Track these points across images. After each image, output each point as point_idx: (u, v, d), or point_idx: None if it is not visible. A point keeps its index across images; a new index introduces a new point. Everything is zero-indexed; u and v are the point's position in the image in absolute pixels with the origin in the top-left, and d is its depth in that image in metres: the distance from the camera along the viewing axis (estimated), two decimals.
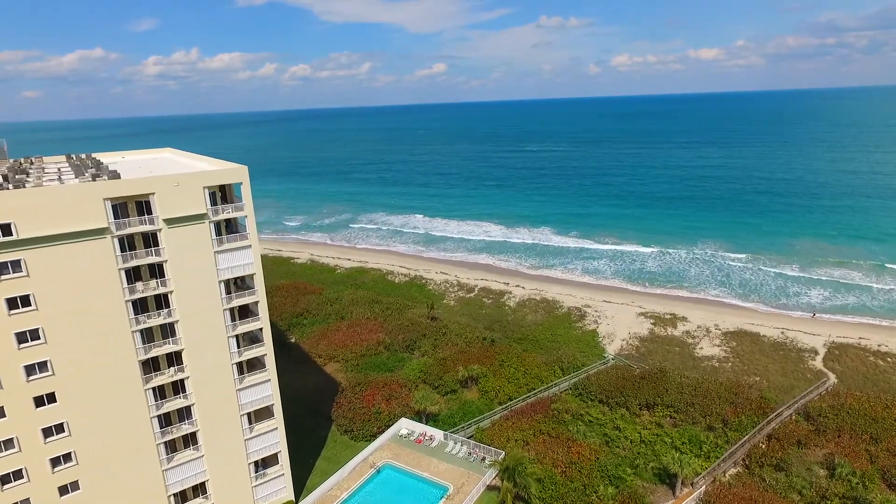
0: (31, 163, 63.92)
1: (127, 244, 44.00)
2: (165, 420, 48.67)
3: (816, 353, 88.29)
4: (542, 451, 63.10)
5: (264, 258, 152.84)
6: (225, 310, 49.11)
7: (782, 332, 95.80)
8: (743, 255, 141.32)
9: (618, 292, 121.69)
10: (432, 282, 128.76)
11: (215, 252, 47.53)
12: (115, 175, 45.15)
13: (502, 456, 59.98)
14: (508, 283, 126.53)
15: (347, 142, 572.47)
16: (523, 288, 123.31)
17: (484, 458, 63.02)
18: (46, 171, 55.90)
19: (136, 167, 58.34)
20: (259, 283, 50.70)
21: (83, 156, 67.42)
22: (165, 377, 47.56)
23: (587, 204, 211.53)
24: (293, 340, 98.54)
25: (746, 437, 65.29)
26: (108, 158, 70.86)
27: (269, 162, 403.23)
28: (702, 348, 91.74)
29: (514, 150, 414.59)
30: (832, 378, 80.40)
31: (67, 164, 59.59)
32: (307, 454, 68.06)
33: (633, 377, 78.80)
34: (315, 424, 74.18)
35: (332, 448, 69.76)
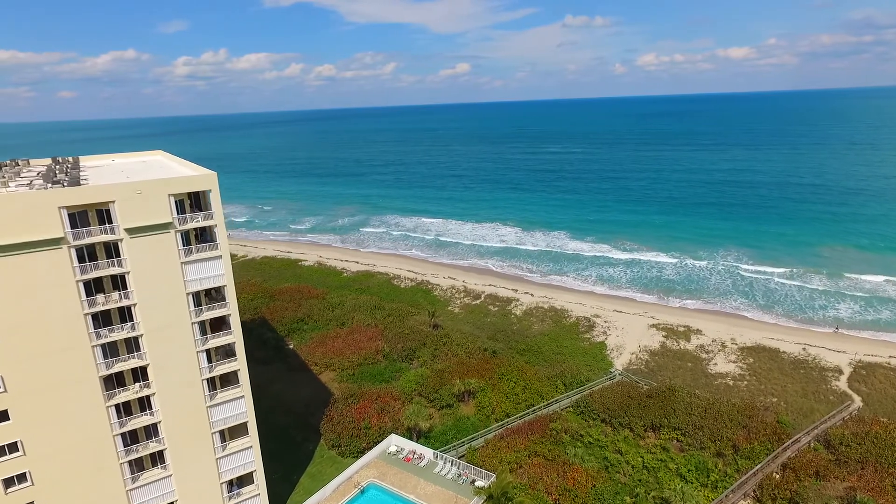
0: (17, 164, 62.79)
1: (87, 255, 41.80)
2: (131, 438, 46.48)
3: (840, 372, 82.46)
4: (535, 476, 59.35)
5: (272, 260, 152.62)
6: (194, 323, 46.65)
7: (804, 349, 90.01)
8: (766, 265, 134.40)
9: (631, 301, 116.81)
10: (438, 287, 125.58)
11: (182, 263, 45.13)
12: (74, 182, 43.00)
13: (490, 481, 56.43)
14: (517, 290, 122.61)
15: (367, 142, 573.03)
16: (532, 295, 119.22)
17: (474, 481, 59.56)
18: (22, 175, 54.34)
19: (119, 171, 56.49)
20: (231, 296, 48.15)
21: (70, 159, 66.03)
22: (130, 393, 45.34)
23: (605, 208, 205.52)
24: (291, 346, 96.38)
25: (759, 465, 60.47)
26: (96, 161, 69.32)
27: (287, 162, 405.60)
28: (716, 364, 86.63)
29: (534, 151, 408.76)
30: (857, 401, 74.74)
31: (45, 169, 57.93)
32: (291, 469, 65.54)
33: (639, 395, 74.38)
34: (303, 438, 71.64)
35: (319, 464, 67.07)
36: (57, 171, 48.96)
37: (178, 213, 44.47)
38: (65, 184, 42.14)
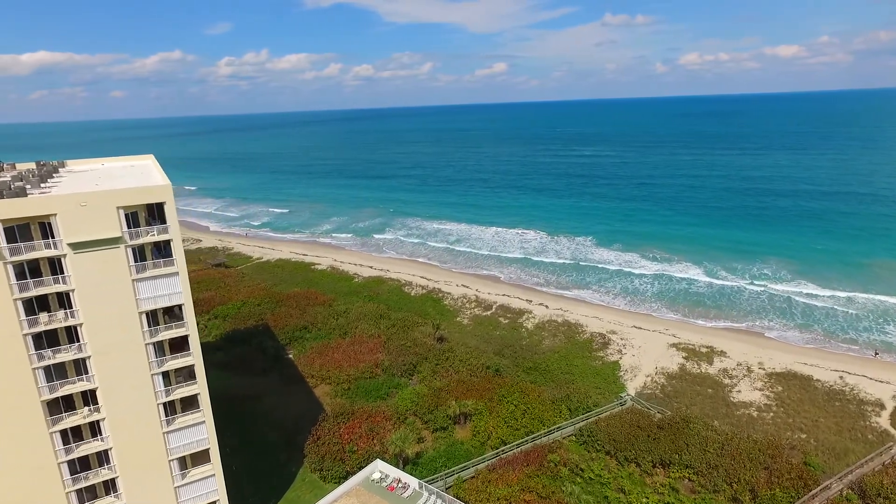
0: (2, 169, 61.48)
1: (29, 271, 39.12)
2: (82, 465, 43.75)
3: (882, 406, 74.02)
4: None
5: (286, 263, 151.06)
6: (148, 344, 43.56)
7: (841, 377, 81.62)
8: (808, 281, 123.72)
9: (651, 317, 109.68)
10: (449, 296, 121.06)
11: (134, 280, 42.07)
12: (19, 192, 40.36)
13: None
14: (531, 301, 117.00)
15: (398, 143, 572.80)
16: (546, 307, 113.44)
17: None
18: None
19: (98, 178, 54.10)
20: (190, 315, 44.88)
21: (54, 162, 64.42)
22: (78, 418, 42.57)
23: (636, 214, 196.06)
24: (290, 356, 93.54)
25: None
26: (86, 165, 67.59)
27: (316, 162, 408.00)
28: (739, 392, 79.25)
29: (566, 153, 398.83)
30: None
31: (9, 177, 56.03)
32: (269, 494, 62.16)
33: (650, 425, 68.08)
34: (287, 458, 68.25)
35: (299, 489, 63.52)
36: (11, 182, 46.76)
37: (129, 227, 41.32)
38: (4, 194, 39.57)
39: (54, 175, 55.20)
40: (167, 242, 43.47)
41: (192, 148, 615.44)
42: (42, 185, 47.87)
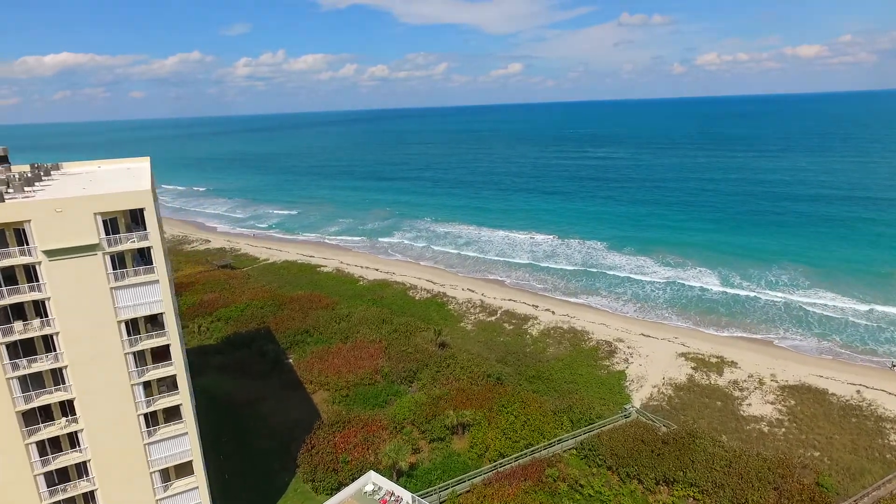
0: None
1: (4, 279, 38.11)
2: (60, 476, 42.71)
3: None
4: None
5: (292, 265, 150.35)
6: (127, 353, 42.37)
7: (858, 391, 78.13)
8: (827, 289, 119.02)
9: (660, 324, 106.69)
10: (454, 301, 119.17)
11: (112, 288, 40.90)
12: None
13: None
14: (538, 307, 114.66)
15: (411, 144, 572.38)
16: (553, 313, 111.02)
17: None
18: None
19: (86, 182, 53.34)
20: (171, 324, 43.62)
21: (48, 165, 63.93)
22: (55, 429, 41.53)
23: (649, 218, 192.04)
24: (290, 361, 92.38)
25: None
26: (82, 168, 67.21)
27: (329, 163, 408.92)
28: (750, 405, 76.20)
29: (579, 155, 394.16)
30: None
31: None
32: None
33: (654, 439, 65.57)
34: (280, 467, 66.91)
35: (291, 499, 62.10)
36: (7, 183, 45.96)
37: (107, 234, 40.18)
38: None
39: (43, 178, 54.47)
40: (148, 249, 42.17)
41: (208, 148, 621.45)
42: (27, 189, 46.99)
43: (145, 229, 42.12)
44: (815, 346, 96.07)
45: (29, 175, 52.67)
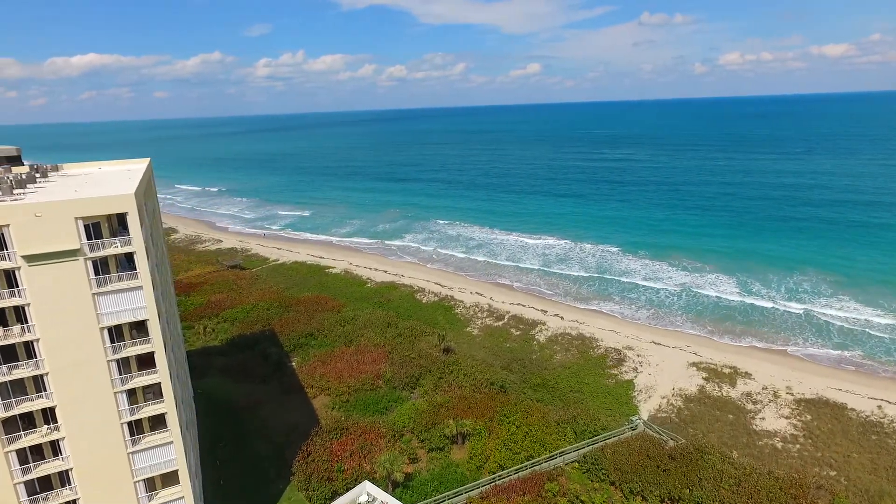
0: None
1: None
2: (42, 485, 42.00)
3: None
4: None
5: (301, 266, 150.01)
6: (111, 361, 41.49)
7: (880, 406, 74.55)
8: (850, 298, 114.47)
9: (672, 332, 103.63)
10: (461, 304, 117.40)
11: (94, 294, 40.02)
12: None
13: None
14: (546, 312, 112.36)
15: (426, 144, 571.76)
16: (562, 318, 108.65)
17: None
18: None
19: (80, 184, 52.75)
20: (155, 331, 42.65)
21: (47, 166, 63.79)
22: (37, 437, 40.81)
23: (666, 221, 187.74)
24: (293, 364, 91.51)
25: None
26: (81, 169, 67.01)
27: (344, 163, 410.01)
28: (763, 419, 73.11)
29: (596, 156, 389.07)
30: None
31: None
32: None
33: (660, 454, 63.06)
34: (276, 473, 65.84)
35: None
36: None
37: (89, 238, 39.31)
38: None
39: (38, 181, 54.08)
40: (132, 255, 41.24)
41: (226, 148, 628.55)
42: (16, 191, 46.48)
43: (129, 234, 41.15)
44: (835, 358, 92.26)
45: (22, 177, 52.34)
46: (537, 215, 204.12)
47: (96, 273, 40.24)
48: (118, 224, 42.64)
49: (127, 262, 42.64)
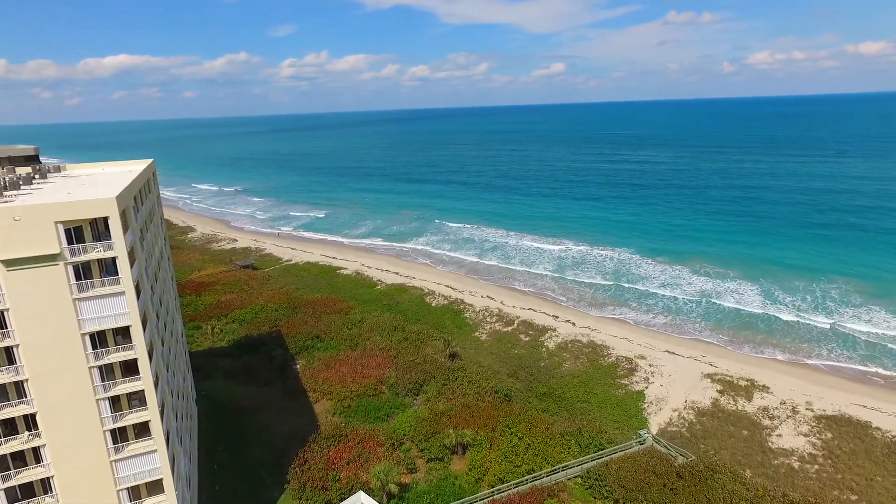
0: None
1: None
2: (24, 492, 41.46)
3: None
4: None
5: (313, 266, 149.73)
6: (92, 367, 40.73)
7: None
8: (881, 308, 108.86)
9: (688, 340, 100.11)
10: (471, 308, 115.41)
11: (75, 299, 39.26)
12: None
13: None
14: (557, 317, 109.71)
15: (446, 144, 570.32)
16: (573, 324, 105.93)
17: None
18: None
19: (77, 185, 52.41)
20: (138, 337, 41.77)
21: (48, 167, 63.88)
22: (18, 443, 40.24)
23: (687, 226, 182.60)
24: (298, 367, 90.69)
25: None
26: (84, 170, 67.12)
27: (363, 163, 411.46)
28: (780, 436, 69.58)
29: (617, 158, 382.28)
30: None
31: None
32: None
33: (668, 472, 60.26)
34: (273, 479, 64.83)
35: None
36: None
37: (70, 243, 38.56)
38: None
39: (33, 182, 53.95)
40: (111, 260, 40.40)
41: (249, 147, 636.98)
42: (6, 193, 46.18)
43: (111, 238, 40.32)
44: (861, 372, 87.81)
45: (18, 178, 52.18)
46: (554, 218, 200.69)
47: (78, 278, 39.48)
48: (105, 228, 41.81)
49: (113, 267, 41.82)
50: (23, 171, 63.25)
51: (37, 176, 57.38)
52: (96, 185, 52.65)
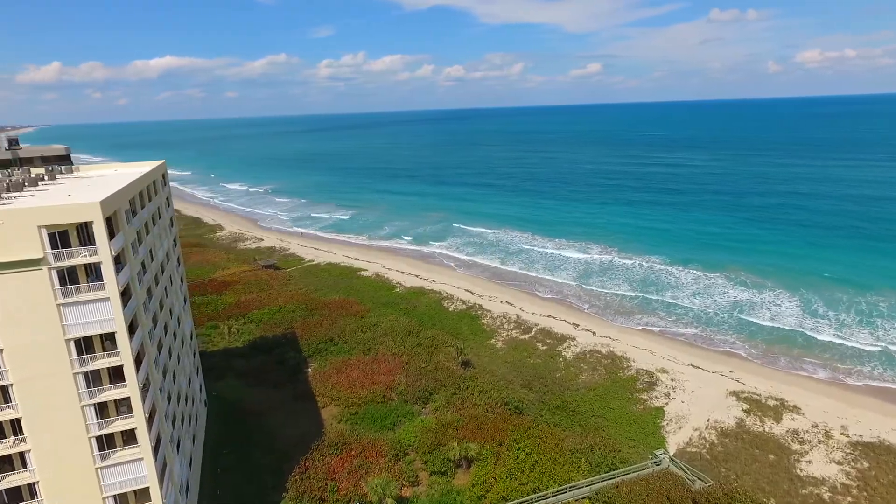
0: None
1: None
2: (11, 496, 41.31)
3: None
4: None
5: (334, 267, 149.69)
6: (77, 373, 40.24)
7: None
8: None
9: (715, 353, 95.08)
10: (489, 314, 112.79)
11: (60, 305, 38.79)
12: None
13: None
14: (578, 326, 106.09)
15: (478, 145, 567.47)
16: (593, 334, 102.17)
17: None
18: None
19: (82, 187, 52.58)
20: (124, 344, 41.09)
21: (62, 168, 64.63)
22: (3, 447, 40.09)
23: (722, 233, 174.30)
24: (309, 371, 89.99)
25: None
26: (96, 171, 67.75)
27: (393, 163, 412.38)
28: (810, 463, 64.68)
29: (652, 160, 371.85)
30: None
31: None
32: None
33: (682, 497, 56.58)
34: (273, 486, 63.80)
35: None
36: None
37: (55, 247, 38.08)
38: None
39: (40, 183, 54.33)
40: (96, 265, 39.79)
41: (284, 147, 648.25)
42: (5, 195, 46.35)
43: (95, 244, 39.71)
44: None
45: (23, 180, 52.60)
46: (582, 224, 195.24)
47: (63, 283, 39.01)
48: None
49: (100, 272, 41.26)
50: (37, 171, 64.29)
51: (45, 177, 57.95)
52: (99, 187, 52.53)
